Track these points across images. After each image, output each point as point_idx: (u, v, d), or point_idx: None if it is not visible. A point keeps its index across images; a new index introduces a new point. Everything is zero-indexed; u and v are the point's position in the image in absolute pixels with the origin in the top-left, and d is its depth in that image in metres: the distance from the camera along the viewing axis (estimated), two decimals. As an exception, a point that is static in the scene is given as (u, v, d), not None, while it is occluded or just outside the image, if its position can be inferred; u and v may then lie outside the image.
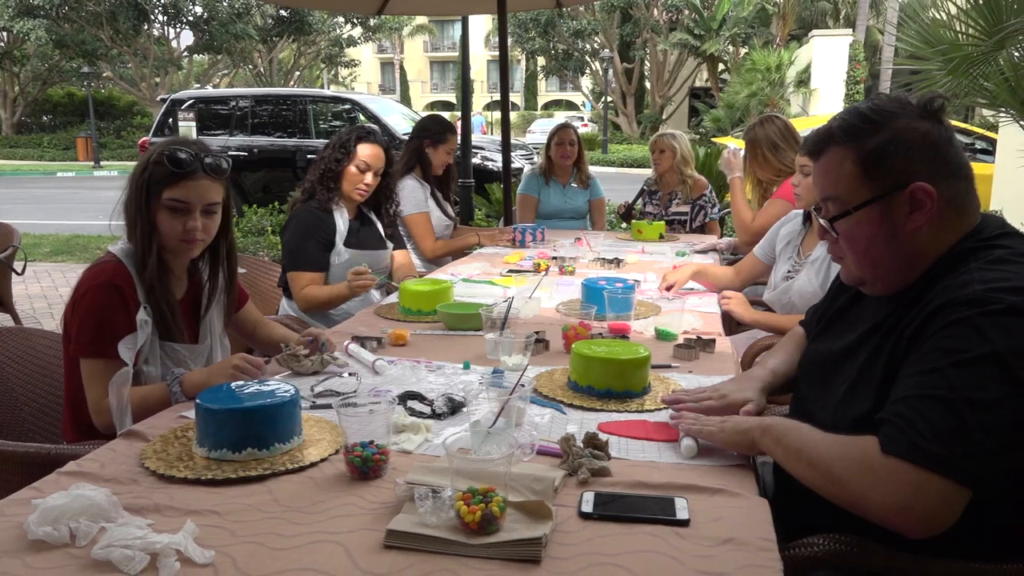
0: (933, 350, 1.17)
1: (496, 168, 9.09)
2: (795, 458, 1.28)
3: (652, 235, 4.25)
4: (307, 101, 10.68)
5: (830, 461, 1.21)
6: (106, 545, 1.06)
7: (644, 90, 32.45)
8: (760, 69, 19.80)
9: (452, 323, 2.37)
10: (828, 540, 1.26)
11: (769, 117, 3.70)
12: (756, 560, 1.08)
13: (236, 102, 10.57)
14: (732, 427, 1.41)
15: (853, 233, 1.35)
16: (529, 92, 47.62)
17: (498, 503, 1.11)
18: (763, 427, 1.37)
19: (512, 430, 1.45)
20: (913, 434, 1.12)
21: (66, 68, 28.08)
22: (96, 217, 11.94)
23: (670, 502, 1.23)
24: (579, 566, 1.07)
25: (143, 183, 1.86)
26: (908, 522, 1.11)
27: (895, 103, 1.32)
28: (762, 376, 1.68)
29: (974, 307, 1.15)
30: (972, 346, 1.13)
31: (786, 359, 1.74)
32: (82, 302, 1.82)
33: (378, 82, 52.44)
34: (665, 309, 2.58)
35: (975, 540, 1.21)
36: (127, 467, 1.37)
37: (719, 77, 28.61)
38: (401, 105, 13.59)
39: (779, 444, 1.32)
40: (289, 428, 1.43)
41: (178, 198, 1.86)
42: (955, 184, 1.29)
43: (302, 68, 32.94)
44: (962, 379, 1.12)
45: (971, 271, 1.22)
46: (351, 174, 3.00)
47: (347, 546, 1.11)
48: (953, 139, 1.31)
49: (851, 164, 1.32)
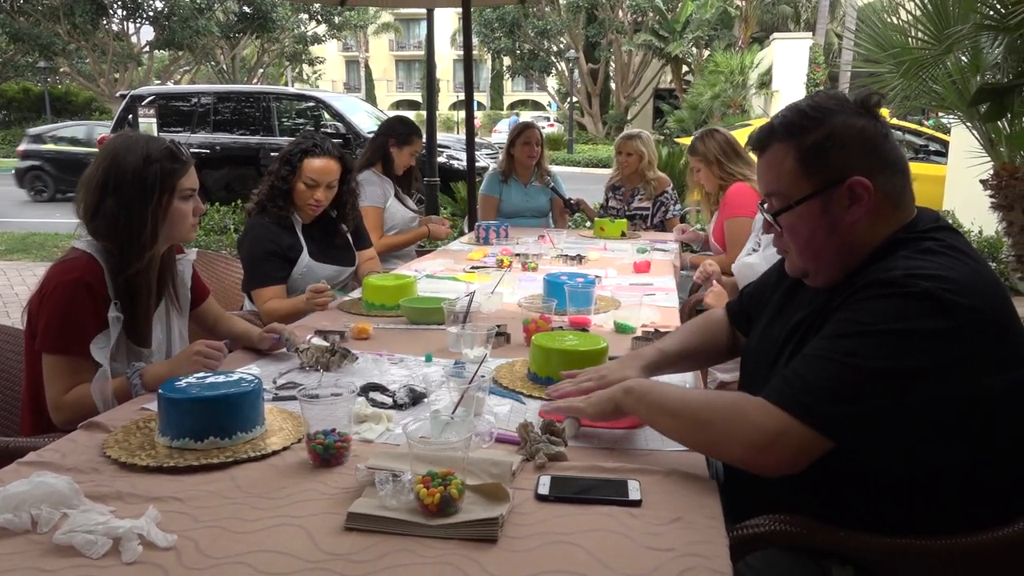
0: (840, 320, 1.25)
1: (462, 167, 9.11)
2: (658, 411, 1.37)
3: (614, 232, 4.32)
4: (271, 98, 10.58)
5: (697, 408, 1.33)
6: (68, 531, 1.08)
7: (609, 90, 32.68)
8: (723, 71, 20.09)
9: (415, 317, 2.40)
10: (772, 520, 1.31)
11: (710, 131, 3.83)
12: (703, 537, 1.13)
13: (198, 99, 10.45)
14: (596, 399, 1.47)
15: (795, 226, 1.40)
16: (495, 91, 47.63)
17: (456, 486, 1.15)
18: (625, 388, 1.43)
19: (471, 419, 1.48)
20: (793, 385, 1.22)
21: (21, 63, 27.42)
22: (53, 215, 11.70)
23: (623, 484, 1.28)
24: (534, 544, 1.11)
25: (152, 181, 1.87)
26: (765, 461, 1.23)
27: (833, 100, 1.37)
28: (648, 355, 1.70)
29: (889, 287, 1.22)
30: (876, 320, 1.20)
31: (680, 339, 1.77)
32: (50, 297, 1.81)
33: (343, 80, 52.03)
34: (624, 303, 2.64)
35: (911, 516, 1.27)
36: (88, 457, 1.38)
37: (683, 79, 28.96)
38: (366, 103, 13.54)
39: (641, 401, 1.39)
40: (252, 417, 1.45)
41: (190, 186, 1.97)
42: (892, 178, 1.35)
43: (265, 65, 32.59)
44: (855, 347, 1.20)
45: (898, 258, 1.28)
46: (300, 191, 2.86)
47: (309, 529, 1.14)
48: (889, 135, 1.37)
49: (791, 160, 1.36)
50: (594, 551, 1.09)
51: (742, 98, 19.78)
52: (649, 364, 1.67)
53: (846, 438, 1.20)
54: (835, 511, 1.27)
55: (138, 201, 1.87)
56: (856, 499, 1.27)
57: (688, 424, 1.33)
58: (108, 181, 1.87)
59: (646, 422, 1.42)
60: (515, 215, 4.81)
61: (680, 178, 6.35)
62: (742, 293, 1.81)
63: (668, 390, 1.41)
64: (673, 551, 1.09)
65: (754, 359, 1.57)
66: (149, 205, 1.87)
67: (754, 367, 1.58)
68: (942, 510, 1.28)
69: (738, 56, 20.96)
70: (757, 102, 19.87)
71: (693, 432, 1.33)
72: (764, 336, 1.55)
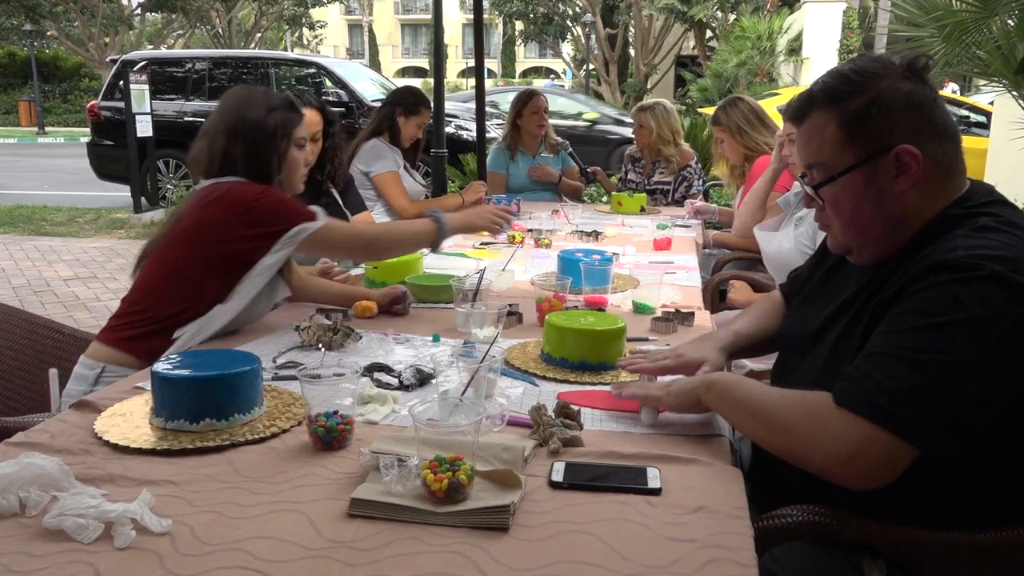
0: (905, 311, 1.21)
1: (471, 138, 9.07)
2: (740, 411, 1.35)
3: (633, 208, 4.29)
4: (269, 64, 10.56)
5: (777, 411, 1.28)
6: (58, 514, 1.08)
7: (628, 57, 32.38)
8: (750, 37, 19.84)
9: (422, 295, 2.39)
10: (801, 511, 1.30)
11: (733, 100, 3.79)
12: (727, 527, 1.13)
13: (192, 64, 10.41)
14: (677, 388, 1.46)
15: (839, 199, 1.37)
16: (506, 58, 47.37)
17: (466, 472, 1.15)
18: (708, 383, 1.42)
19: (482, 401, 1.48)
20: (868, 389, 1.17)
21: (6, 25, 27.38)
22: (42, 187, 11.76)
23: (642, 471, 1.27)
24: (548, 534, 1.10)
25: (273, 126, 2.06)
26: (850, 473, 1.18)
27: (877, 63, 1.35)
28: (723, 336, 1.72)
29: (954, 272, 1.19)
30: (945, 311, 1.17)
31: (753, 321, 1.78)
32: (266, 195, 1.99)
33: (345, 45, 51.85)
34: (644, 282, 2.62)
35: (948, 509, 1.27)
36: (79, 438, 1.39)
37: (707, 45, 28.64)
38: (370, 70, 13.47)
39: (724, 399, 1.38)
40: (250, 398, 1.45)
41: (303, 135, 2.19)
42: (941, 146, 1.32)
43: (263, 29, 32.45)
44: (929, 341, 1.16)
45: (955, 238, 1.25)
46: None
47: (310, 515, 1.14)
48: (938, 99, 1.34)
49: (834, 128, 1.34)
50: (611, 541, 1.08)
51: (770, 66, 19.56)
52: (727, 346, 1.68)
53: (933, 443, 1.15)
54: (870, 502, 1.26)
55: (265, 145, 2.06)
56: (896, 490, 1.26)
57: (767, 429, 1.30)
58: (236, 127, 2.05)
59: (727, 419, 1.40)
60: (525, 190, 4.78)
61: (703, 151, 6.31)
62: (790, 275, 1.82)
63: (750, 388, 1.36)
64: (695, 542, 1.09)
65: (793, 340, 1.57)
66: (275, 150, 2.07)
67: (790, 348, 1.58)
68: (987, 502, 1.27)
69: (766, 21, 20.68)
70: (786, 70, 19.65)
71: (773, 438, 1.29)
72: (803, 315, 1.55)
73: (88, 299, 5.69)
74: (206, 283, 1.96)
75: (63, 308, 5.46)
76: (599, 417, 1.52)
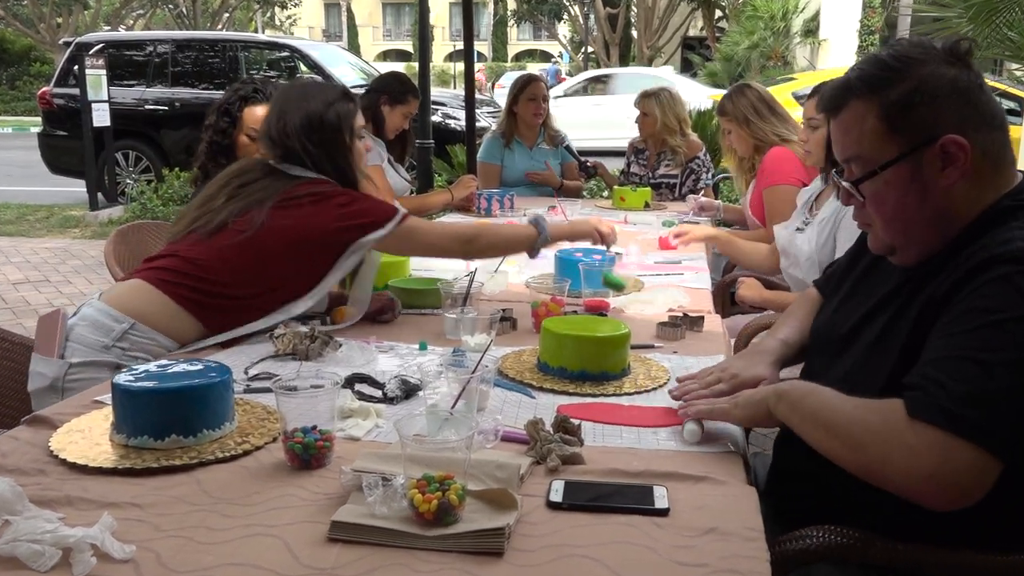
0: (968, 310, 1.22)
1: (459, 127, 9.08)
2: (811, 423, 1.33)
3: (636, 203, 4.30)
4: (238, 47, 10.55)
5: (849, 425, 1.26)
6: (11, 540, 1.08)
7: (630, 39, 32.47)
8: (763, 16, 19.90)
9: (407, 300, 2.39)
10: (824, 532, 1.31)
11: (741, 87, 3.79)
12: (740, 551, 1.14)
13: (154, 47, 10.39)
14: (745, 401, 1.47)
15: (881, 195, 1.38)
16: (498, 40, 47.44)
17: (456, 491, 1.15)
18: (778, 393, 1.42)
19: (473, 415, 1.48)
20: (942, 397, 1.16)
21: (-52, 5, 27.35)
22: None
23: (648, 491, 1.28)
24: (546, 558, 1.11)
25: (336, 121, 2.16)
26: (933, 491, 1.16)
27: (918, 48, 1.36)
28: (773, 348, 1.72)
29: (1016, 265, 1.20)
30: (1011, 306, 1.18)
31: (797, 327, 1.77)
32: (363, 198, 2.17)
33: (322, 27, 51.86)
34: (649, 284, 2.63)
35: (983, 528, 1.27)
36: (32, 456, 1.39)
37: (716, 25, 28.73)
38: (349, 53, 13.48)
39: (795, 410, 1.38)
40: (219, 413, 1.46)
41: (361, 124, 2.28)
42: (989, 135, 1.33)
43: (231, 9, 32.43)
44: (999, 341, 1.17)
45: (1012, 229, 1.27)
46: (244, 145, 2.84)
47: (286, 539, 1.14)
48: (984, 85, 1.35)
49: (874, 119, 1.35)
50: (614, 566, 1.09)
51: (784, 48, 19.63)
52: (778, 359, 1.69)
53: (1010, 447, 1.14)
54: (896, 522, 1.27)
55: (335, 142, 2.17)
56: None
57: (842, 445, 1.27)
58: (303, 124, 2.13)
59: (797, 432, 1.38)
60: (521, 184, 4.79)
61: (712, 141, 6.32)
62: (826, 269, 1.83)
63: (824, 398, 1.34)
64: (706, 567, 1.09)
65: (823, 340, 1.59)
66: (345, 144, 2.19)
67: (819, 347, 1.61)
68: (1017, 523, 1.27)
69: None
70: (802, 52, 19.72)
71: (848, 455, 1.26)
72: (839, 314, 1.57)
73: (39, 304, 5.67)
74: (292, 279, 2.10)
75: (11, 314, 5.44)
76: (601, 432, 1.53)
